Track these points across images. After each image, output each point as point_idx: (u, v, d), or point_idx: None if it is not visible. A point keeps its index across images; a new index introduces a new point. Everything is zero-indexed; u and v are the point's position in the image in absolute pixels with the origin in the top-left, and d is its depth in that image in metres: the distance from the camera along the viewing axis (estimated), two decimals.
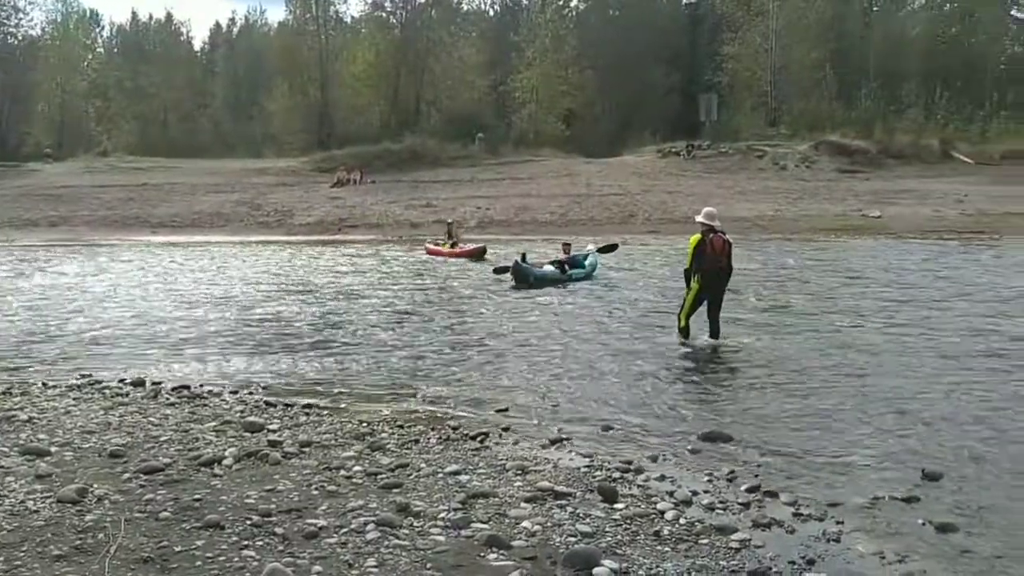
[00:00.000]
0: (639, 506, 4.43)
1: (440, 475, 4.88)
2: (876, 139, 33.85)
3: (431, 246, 20.37)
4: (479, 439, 5.69)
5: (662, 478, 4.90)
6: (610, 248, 16.41)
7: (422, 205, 30.00)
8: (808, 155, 33.44)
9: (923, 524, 4.28)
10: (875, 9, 48.15)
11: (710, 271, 8.81)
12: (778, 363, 8.05)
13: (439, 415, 6.42)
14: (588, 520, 4.20)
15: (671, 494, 4.61)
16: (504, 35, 49.83)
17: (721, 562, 3.77)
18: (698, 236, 8.88)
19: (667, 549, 3.89)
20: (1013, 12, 45.54)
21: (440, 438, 5.70)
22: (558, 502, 4.45)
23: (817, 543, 4.04)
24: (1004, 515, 4.42)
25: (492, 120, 45.09)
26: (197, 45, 67.69)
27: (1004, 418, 6.13)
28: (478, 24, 51.42)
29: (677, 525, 4.18)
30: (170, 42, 62.02)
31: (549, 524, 4.14)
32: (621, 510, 4.35)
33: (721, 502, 4.53)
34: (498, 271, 14.97)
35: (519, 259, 14.58)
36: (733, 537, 4.03)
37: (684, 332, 9.07)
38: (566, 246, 15.50)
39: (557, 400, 6.87)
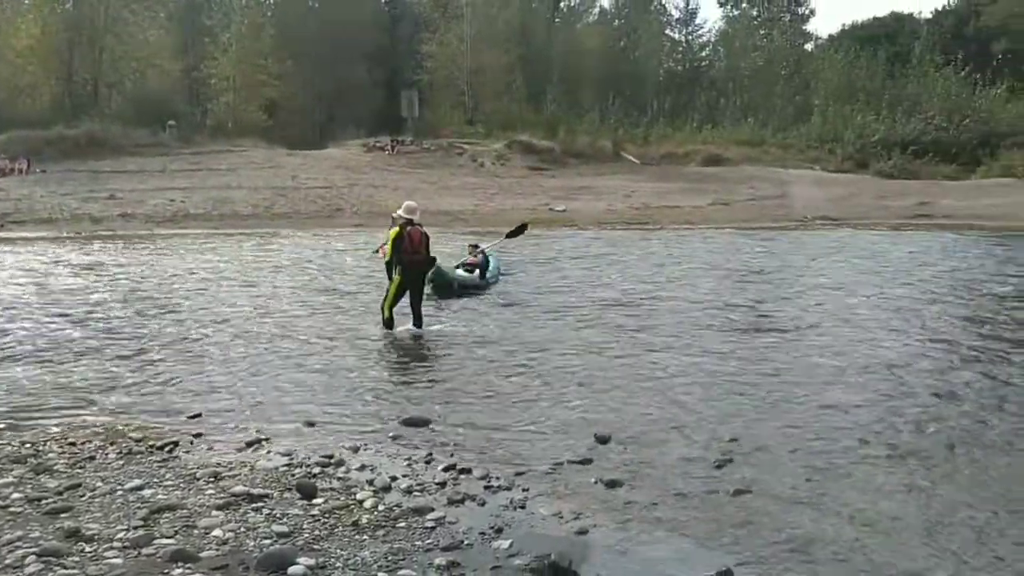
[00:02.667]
0: (338, 499, 4.45)
1: (120, 492, 4.49)
2: (560, 139, 36.87)
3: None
4: (167, 449, 5.32)
5: (362, 468, 4.97)
6: (519, 231, 13.75)
7: (104, 197, 26.99)
8: (502, 153, 35.53)
9: (595, 483, 4.81)
10: (557, 21, 52.41)
11: (410, 263, 9.10)
12: (476, 346, 8.50)
13: (121, 427, 5.86)
14: (285, 520, 4.13)
15: (371, 482, 4.69)
16: (195, 18, 46.48)
17: (417, 542, 3.92)
18: (397, 230, 9.14)
19: (365, 537, 3.96)
20: (667, 32, 52.30)
21: (121, 452, 5.23)
22: (253, 505, 4.32)
23: (505, 511, 4.36)
24: (660, 468, 5.10)
25: (185, 107, 41.91)
26: None
27: (667, 382, 7.06)
28: (165, 4, 47.32)
29: (376, 512, 4.27)
30: None
31: (243, 529, 4.00)
32: (320, 505, 4.34)
33: (419, 484, 4.70)
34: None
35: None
36: (429, 517, 4.21)
37: (388, 323, 9.23)
38: (473, 248, 13.35)
39: (256, 400, 6.62)
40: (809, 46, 51.11)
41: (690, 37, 53.01)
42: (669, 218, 25.10)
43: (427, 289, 11.74)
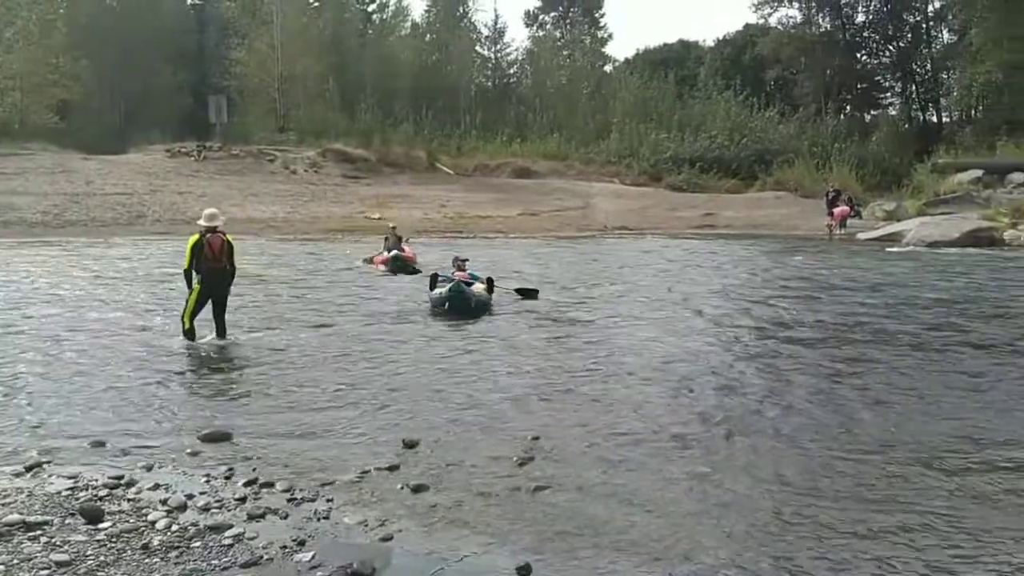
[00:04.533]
0: (128, 521, 4.22)
1: None
2: (375, 149, 36.54)
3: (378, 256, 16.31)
4: None
5: (156, 487, 4.72)
6: (529, 293, 12.37)
7: None
8: (316, 161, 34.69)
9: (401, 488, 4.86)
10: (369, 32, 51.99)
11: (210, 272, 8.78)
12: (283, 357, 8.30)
13: None
14: (66, 547, 3.86)
15: (164, 502, 4.48)
16: None
17: (213, 561, 3.79)
18: (196, 237, 8.82)
19: (156, 560, 3.78)
20: (477, 48, 53.31)
21: None
22: (30, 534, 4.01)
23: (309, 523, 4.31)
24: (465, 469, 5.24)
25: None
26: None
27: (474, 385, 7.26)
28: None
29: (169, 533, 4.09)
30: None
31: (16, 561, 3.70)
32: (107, 529, 4.09)
33: (217, 501, 4.54)
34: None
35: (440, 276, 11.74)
36: (227, 534, 4.09)
37: (189, 334, 8.83)
38: (461, 262, 12.38)
39: (38, 420, 6.10)
40: (608, 67, 54.20)
41: (499, 54, 54.37)
42: (481, 227, 25.69)
43: (445, 307, 10.84)
